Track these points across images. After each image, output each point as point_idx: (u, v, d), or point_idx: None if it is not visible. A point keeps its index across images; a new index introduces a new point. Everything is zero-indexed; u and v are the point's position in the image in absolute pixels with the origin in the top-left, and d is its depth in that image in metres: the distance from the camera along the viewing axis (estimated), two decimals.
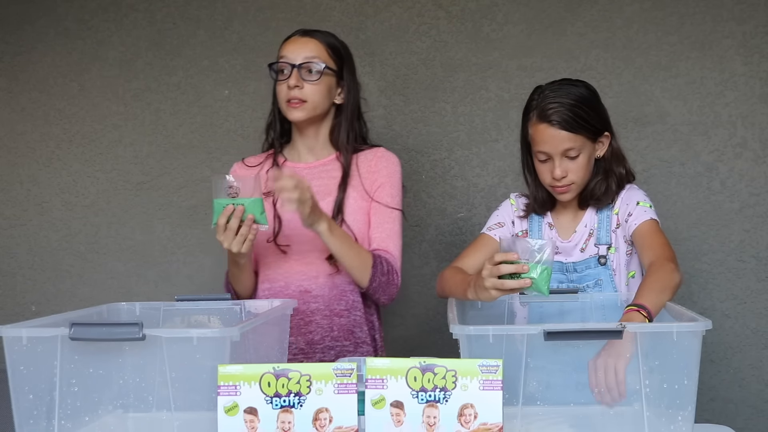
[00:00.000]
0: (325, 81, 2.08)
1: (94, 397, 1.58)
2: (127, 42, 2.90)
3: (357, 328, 2.09)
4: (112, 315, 1.89)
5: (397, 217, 2.12)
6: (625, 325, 1.45)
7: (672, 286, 1.70)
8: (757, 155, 2.67)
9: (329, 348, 2.08)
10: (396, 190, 2.14)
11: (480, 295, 1.69)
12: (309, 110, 2.08)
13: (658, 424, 1.49)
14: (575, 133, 1.91)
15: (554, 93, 1.93)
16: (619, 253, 1.98)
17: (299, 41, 2.10)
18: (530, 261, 1.59)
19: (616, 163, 2.01)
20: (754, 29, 2.66)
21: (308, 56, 2.06)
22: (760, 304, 2.68)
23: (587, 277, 1.98)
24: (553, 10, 2.74)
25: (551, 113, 1.90)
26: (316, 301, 2.09)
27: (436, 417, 1.38)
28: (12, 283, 2.97)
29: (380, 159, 2.14)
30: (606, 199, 1.99)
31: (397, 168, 2.16)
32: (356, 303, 2.10)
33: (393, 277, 2.05)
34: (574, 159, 1.93)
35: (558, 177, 1.93)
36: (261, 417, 1.37)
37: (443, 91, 2.79)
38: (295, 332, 2.08)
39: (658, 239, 1.87)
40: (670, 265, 1.75)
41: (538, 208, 2.07)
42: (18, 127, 2.96)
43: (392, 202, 2.12)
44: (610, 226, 1.99)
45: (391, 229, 2.10)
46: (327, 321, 2.08)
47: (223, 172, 2.13)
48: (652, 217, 1.92)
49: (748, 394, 2.70)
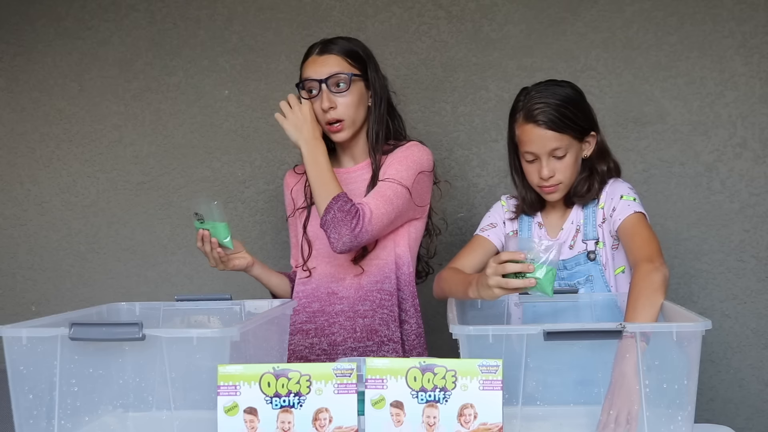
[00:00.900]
0: (354, 90, 2.07)
1: (94, 397, 1.58)
2: (127, 42, 2.90)
3: (383, 326, 2.09)
4: (112, 315, 1.90)
5: (392, 185, 2.04)
6: (625, 325, 1.45)
7: (657, 290, 1.68)
8: (757, 155, 2.66)
9: (352, 349, 2.08)
10: (403, 167, 2.06)
11: (482, 294, 1.68)
12: (349, 128, 2.09)
13: (658, 424, 1.49)
14: (561, 132, 1.92)
15: (540, 94, 1.94)
16: (606, 248, 1.99)
17: (318, 61, 2.09)
18: (536, 261, 1.59)
19: (599, 161, 2.01)
20: (754, 29, 2.66)
21: (332, 71, 2.06)
22: (760, 304, 2.68)
23: (578, 274, 1.99)
24: (553, 10, 2.74)
25: (537, 113, 1.92)
26: (341, 302, 2.11)
27: (436, 417, 1.38)
28: (12, 283, 2.97)
29: (402, 149, 2.11)
30: (589, 196, 2.00)
31: (413, 151, 2.09)
32: (383, 302, 2.10)
33: (353, 221, 1.95)
34: (560, 159, 1.94)
35: (545, 177, 1.94)
36: (261, 417, 1.37)
37: (443, 91, 2.79)
38: (318, 333, 2.10)
39: (640, 235, 1.86)
40: (650, 265, 1.73)
41: (528, 208, 2.08)
42: (18, 127, 2.96)
43: (394, 176, 2.05)
44: (595, 221, 2.00)
45: (379, 191, 2.03)
46: (350, 322, 2.10)
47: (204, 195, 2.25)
48: (636, 210, 1.91)
49: (748, 394, 2.70)
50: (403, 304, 2.14)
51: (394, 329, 2.10)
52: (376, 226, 1.99)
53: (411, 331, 2.15)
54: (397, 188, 2.04)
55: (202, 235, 2.01)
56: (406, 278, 2.15)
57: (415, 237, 2.18)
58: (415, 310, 2.16)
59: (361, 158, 2.18)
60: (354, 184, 2.13)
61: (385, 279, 2.11)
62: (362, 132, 2.15)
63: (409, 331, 2.14)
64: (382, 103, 2.13)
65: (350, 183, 2.13)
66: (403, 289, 2.14)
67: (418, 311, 2.17)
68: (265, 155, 2.84)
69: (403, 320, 2.14)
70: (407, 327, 2.14)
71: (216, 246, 2.01)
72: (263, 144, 2.84)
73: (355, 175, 2.15)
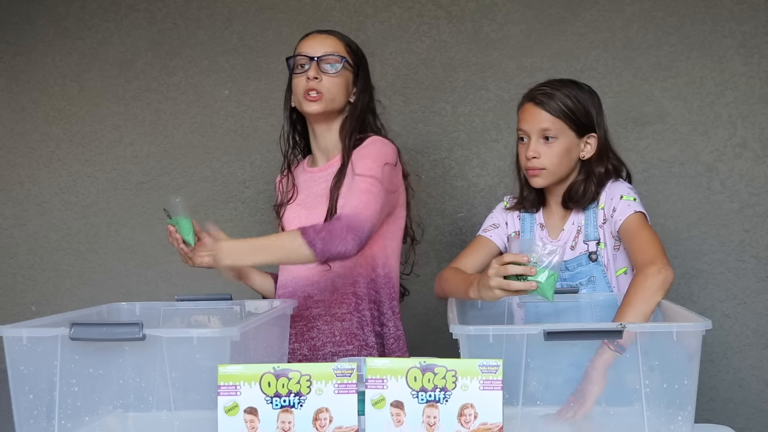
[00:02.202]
0: (343, 75, 2.08)
1: (95, 397, 1.58)
2: (127, 42, 2.90)
3: (360, 330, 2.07)
4: (112, 315, 1.90)
5: (363, 180, 1.97)
6: (625, 325, 1.45)
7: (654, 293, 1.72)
8: (757, 155, 2.67)
9: (332, 353, 2.05)
10: (369, 160, 2.01)
11: (483, 294, 1.68)
12: (326, 102, 2.06)
13: (658, 424, 1.49)
14: (555, 116, 1.94)
15: (549, 83, 1.99)
16: (607, 249, 1.99)
17: (318, 37, 2.10)
18: (538, 265, 1.59)
19: (597, 163, 2.01)
20: (754, 29, 2.66)
21: (328, 51, 2.07)
22: (760, 304, 2.68)
23: (580, 275, 1.98)
24: (553, 10, 2.74)
25: (538, 94, 1.97)
26: (318, 306, 2.08)
27: (436, 417, 1.38)
28: (12, 283, 2.97)
29: (367, 144, 2.07)
30: (585, 200, 2.00)
31: (379, 146, 2.05)
32: (357, 305, 2.07)
33: (334, 229, 1.87)
34: (550, 144, 1.95)
35: (529, 157, 1.95)
36: (261, 417, 1.37)
37: (443, 91, 2.79)
38: (298, 339, 2.07)
39: (642, 237, 1.87)
40: (653, 267, 1.75)
41: (528, 205, 2.08)
42: (18, 127, 2.96)
43: (362, 171, 1.99)
44: (596, 221, 2.00)
45: (352, 188, 1.97)
46: (328, 326, 2.07)
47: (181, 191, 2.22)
48: (636, 210, 1.91)
49: (748, 394, 2.70)
50: (382, 307, 2.10)
51: (368, 333, 2.07)
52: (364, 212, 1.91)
53: (389, 335, 2.10)
54: (368, 179, 1.97)
55: (173, 231, 1.94)
56: (383, 279, 2.10)
57: (391, 236, 2.12)
58: (393, 313, 2.11)
59: (333, 154, 2.13)
60: (326, 182, 2.10)
61: (357, 282, 2.07)
62: (335, 123, 2.12)
63: (387, 334, 2.10)
64: (361, 103, 2.11)
65: (321, 182, 2.11)
66: (380, 291, 2.10)
67: (396, 313, 2.13)
68: (265, 155, 2.84)
69: (383, 323, 2.10)
70: (386, 330, 2.11)
71: (180, 242, 1.92)
72: (263, 144, 2.84)
73: (326, 174, 2.12)
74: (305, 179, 2.18)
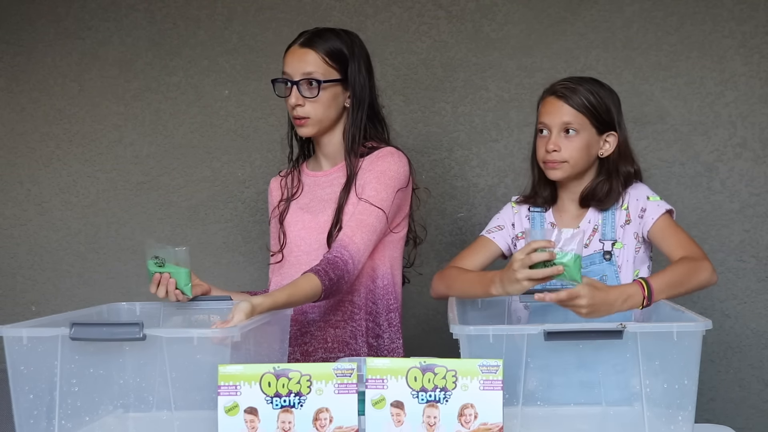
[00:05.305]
0: (325, 94, 2.02)
1: (95, 397, 1.58)
2: (127, 42, 2.90)
3: (352, 339, 2.04)
4: (112, 315, 1.90)
5: (373, 211, 1.98)
6: (625, 325, 1.45)
7: (700, 283, 1.81)
8: (757, 155, 2.67)
9: (323, 360, 2.03)
10: (382, 187, 2.00)
11: (509, 289, 1.67)
12: (314, 125, 2.05)
13: (658, 424, 1.49)
14: (578, 110, 1.95)
15: (573, 79, 2.01)
16: (627, 249, 1.98)
17: (297, 53, 2.03)
18: (563, 249, 1.57)
19: (622, 163, 2.01)
20: (754, 29, 2.66)
21: (306, 71, 2.01)
22: (760, 304, 2.68)
23: (591, 273, 1.97)
24: (553, 10, 2.74)
25: (561, 88, 1.98)
26: (313, 311, 2.06)
27: (437, 417, 1.38)
28: (12, 283, 2.97)
29: (378, 158, 2.05)
30: (610, 200, 1.99)
31: (390, 166, 2.03)
32: (353, 314, 2.05)
33: (342, 276, 1.88)
34: (571, 138, 1.95)
35: (549, 150, 1.96)
36: (261, 417, 1.37)
37: (443, 91, 2.79)
38: (292, 342, 2.06)
39: (681, 235, 1.93)
40: (708, 265, 1.83)
41: (541, 201, 2.07)
42: (18, 127, 2.96)
43: (374, 199, 1.99)
44: (615, 221, 1.99)
45: (360, 220, 1.97)
46: (321, 332, 2.06)
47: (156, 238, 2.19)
48: (667, 209, 1.95)
49: (748, 394, 2.70)
50: (378, 318, 2.08)
51: (361, 343, 2.04)
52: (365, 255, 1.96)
53: (383, 347, 2.08)
54: (378, 212, 1.98)
55: (159, 279, 1.86)
56: (381, 291, 2.08)
57: (393, 246, 2.12)
58: (389, 325, 2.09)
59: (337, 159, 2.12)
60: (330, 187, 2.09)
61: (355, 291, 2.05)
62: (336, 131, 2.10)
63: (381, 346, 2.08)
64: (361, 106, 2.07)
65: (326, 186, 2.10)
66: (377, 302, 2.08)
67: (393, 326, 2.10)
68: (265, 155, 2.84)
69: (378, 335, 2.08)
70: (381, 342, 2.08)
71: (174, 293, 1.87)
72: (263, 144, 2.84)
73: (331, 178, 2.11)
74: (308, 183, 2.16)
